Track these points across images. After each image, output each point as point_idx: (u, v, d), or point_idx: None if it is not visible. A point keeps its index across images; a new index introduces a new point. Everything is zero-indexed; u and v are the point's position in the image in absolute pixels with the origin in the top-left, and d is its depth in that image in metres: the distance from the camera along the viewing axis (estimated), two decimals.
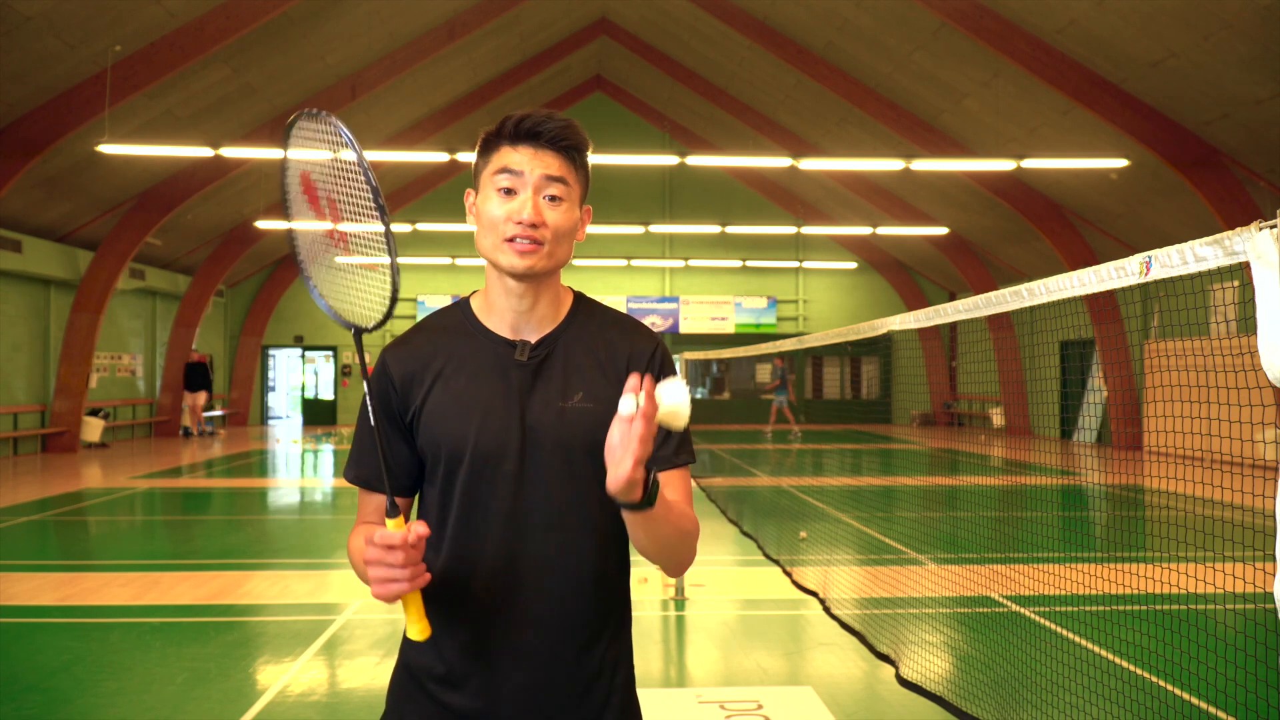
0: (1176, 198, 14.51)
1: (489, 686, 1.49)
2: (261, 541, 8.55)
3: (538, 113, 1.50)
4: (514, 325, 1.54)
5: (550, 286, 1.55)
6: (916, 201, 20.44)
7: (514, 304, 1.53)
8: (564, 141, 1.50)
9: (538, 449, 1.48)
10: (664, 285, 25.58)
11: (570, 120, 1.51)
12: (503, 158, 1.50)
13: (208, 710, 4.23)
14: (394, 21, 14.56)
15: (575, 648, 1.51)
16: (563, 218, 1.50)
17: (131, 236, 16.27)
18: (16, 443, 15.93)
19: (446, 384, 1.52)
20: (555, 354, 1.53)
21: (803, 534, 8.31)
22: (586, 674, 1.51)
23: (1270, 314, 1.44)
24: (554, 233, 1.49)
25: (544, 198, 1.49)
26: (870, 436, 21.75)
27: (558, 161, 1.50)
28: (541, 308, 1.54)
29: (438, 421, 1.51)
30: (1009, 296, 2.74)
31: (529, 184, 1.48)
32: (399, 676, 1.57)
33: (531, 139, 1.49)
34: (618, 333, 1.57)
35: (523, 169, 1.48)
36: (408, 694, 1.55)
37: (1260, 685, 3.44)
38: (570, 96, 23.43)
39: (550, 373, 1.52)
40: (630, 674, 1.59)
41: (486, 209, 1.50)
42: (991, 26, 12.24)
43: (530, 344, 1.53)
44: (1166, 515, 8.92)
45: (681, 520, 1.46)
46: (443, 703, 1.51)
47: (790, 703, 4.33)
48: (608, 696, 1.54)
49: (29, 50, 11.08)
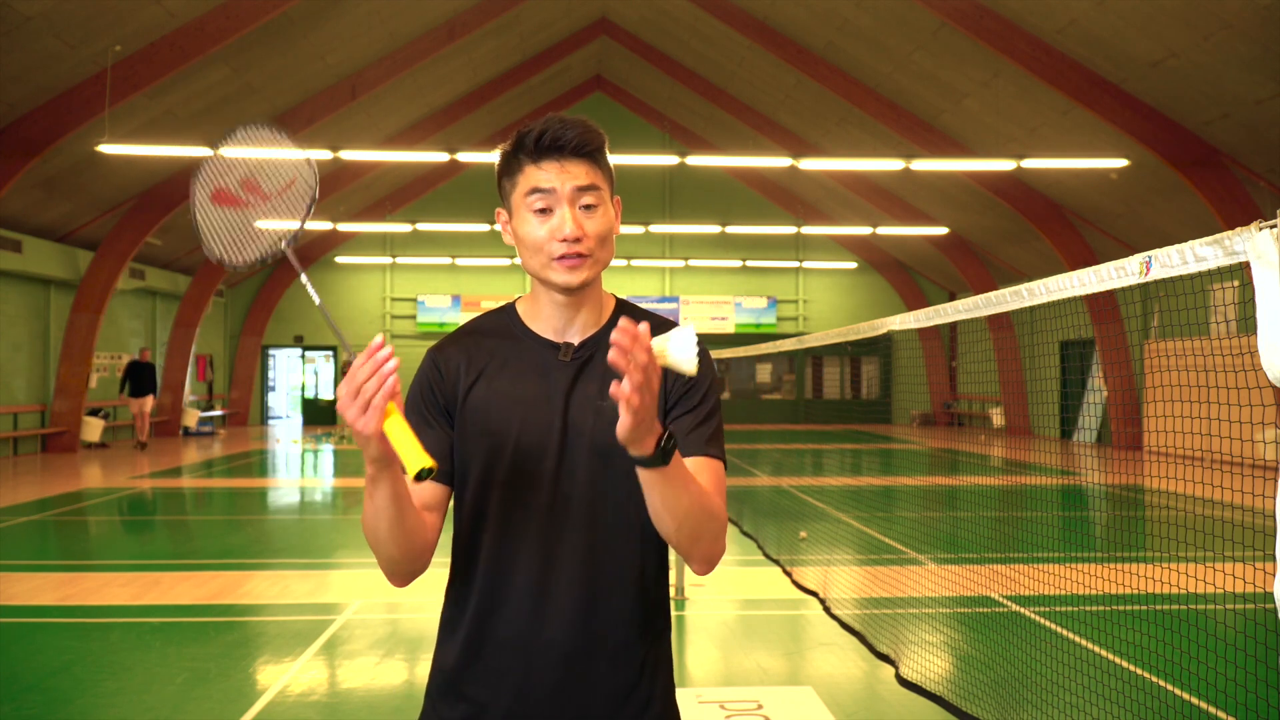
0: (1176, 198, 14.51)
1: (526, 686, 1.48)
2: (261, 541, 8.55)
3: (552, 122, 1.49)
4: (559, 329, 1.57)
5: (594, 291, 1.57)
6: (916, 201, 20.44)
7: (561, 312, 1.55)
8: (586, 148, 1.50)
9: (577, 447, 1.49)
10: (664, 285, 25.58)
11: (586, 122, 1.50)
12: (530, 178, 1.49)
13: (208, 710, 4.23)
14: (394, 21, 14.56)
15: (613, 648, 1.50)
16: (600, 223, 1.51)
17: (131, 236, 16.27)
18: (16, 443, 15.93)
19: (490, 382, 1.53)
20: (597, 356, 1.55)
21: (803, 534, 8.31)
22: (626, 676, 1.51)
23: (1270, 314, 1.44)
24: (598, 240, 1.50)
25: (580, 209, 1.49)
26: (870, 436, 21.75)
27: (584, 169, 1.49)
28: (586, 312, 1.57)
29: (480, 417, 1.52)
30: (1009, 296, 2.74)
31: (563, 199, 1.48)
32: (435, 676, 1.57)
33: (555, 152, 1.48)
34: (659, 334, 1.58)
35: (553, 185, 1.48)
36: (443, 693, 1.54)
37: (1260, 685, 3.44)
38: (570, 96, 23.42)
39: (591, 373, 1.53)
40: (670, 680, 1.58)
41: (526, 232, 1.50)
42: (991, 26, 12.24)
43: (573, 345, 1.55)
44: (1166, 515, 8.92)
45: (704, 497, 1.43)
46: (479, 703, 1.50)
47: (790, 703, 4.33)
48: (648, 700, 1.53)
49: (29, 50, 11.08)
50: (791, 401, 26.25)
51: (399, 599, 6.17)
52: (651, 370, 1.25)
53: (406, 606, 6.04)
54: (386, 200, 23.05)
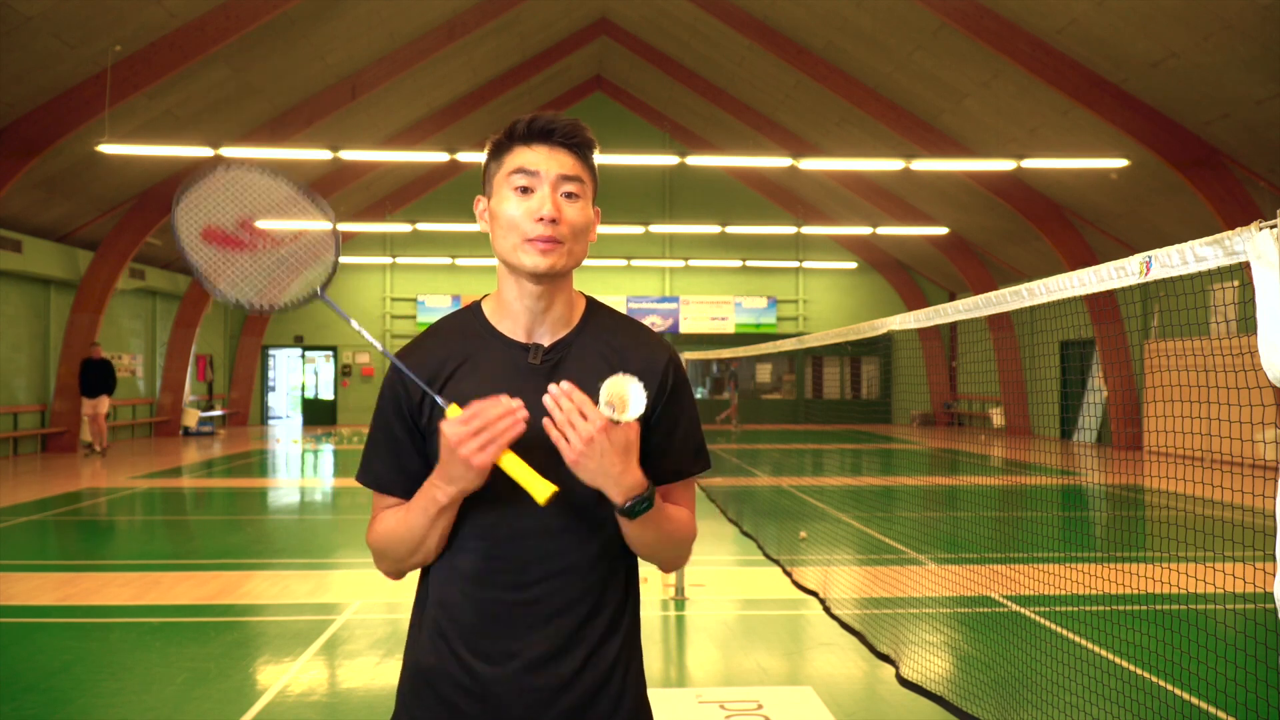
0: (1176, 198, 14.51)
1: (500, 685, 1.49)
2: (261, 541, 8.54)
3: (546, 114, 1.53)
4: (528, 328, 1.55)
5: (565, 288, 1.56)
6: (916, 201, 20.44)
7: (530, 305, 1.54)
8: (576, 139, 1.52)
9: (550, 451, 1.49)
10: (664, 285, 25.58)
11: (579, 120, 1.54)
12: (517, 158, 1.51)
13: (208, 710, 4.23)
14: (394, 21, 14.56)
15: (588, 646, 1.52)
16: (579, 215, 1.52)
17: (131, 236, 16.27)
18: (16, 443, 15.93)
19: (459, 385, 1.52)
20: (569, 358, 1.54)
21: (803, 534, 8.31)
22: (600, 671, 1.52)
23: (1270, 314, 1.44)
24: (572, 230, 1.50)
25: (561, 195, 1.50)
26: (870, 436, 21.75)
27: (571, 159, 1.52)
28: (556, 310, 1.55)
29: None
30: (1009, 296, 2.74)
31: (546, 181, 1.49)
32: (408, 677, 1.58)
33: (545, 138, 1.51)
34: (631, 341, 1.58)
35: (538, 168, 1.50)
36: (417, 694, 1.55)
37: (1260, 685, 3.44)
38: (570, 96, 23.42)
39: (563, 376, 1.51)
40: (641, 675, 1.61)
41: (504, 210, 1.51)
42: (991, 26, 12.24)
43: (543, 347, 1.54)
44: (1166, 515, 8.91)
45: (675, 530, 1.52)
46: (452, 703, 1.51)
47: (790, 703, 4.33)
48: (621, 694, 1.55)
49: (29, 50, 11.08)
50: (791, 401, 26.25)
51: (399, 599, 6.17)
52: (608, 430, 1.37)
53: (406, 606, 6.04)
54: (386, 200, 23.05)
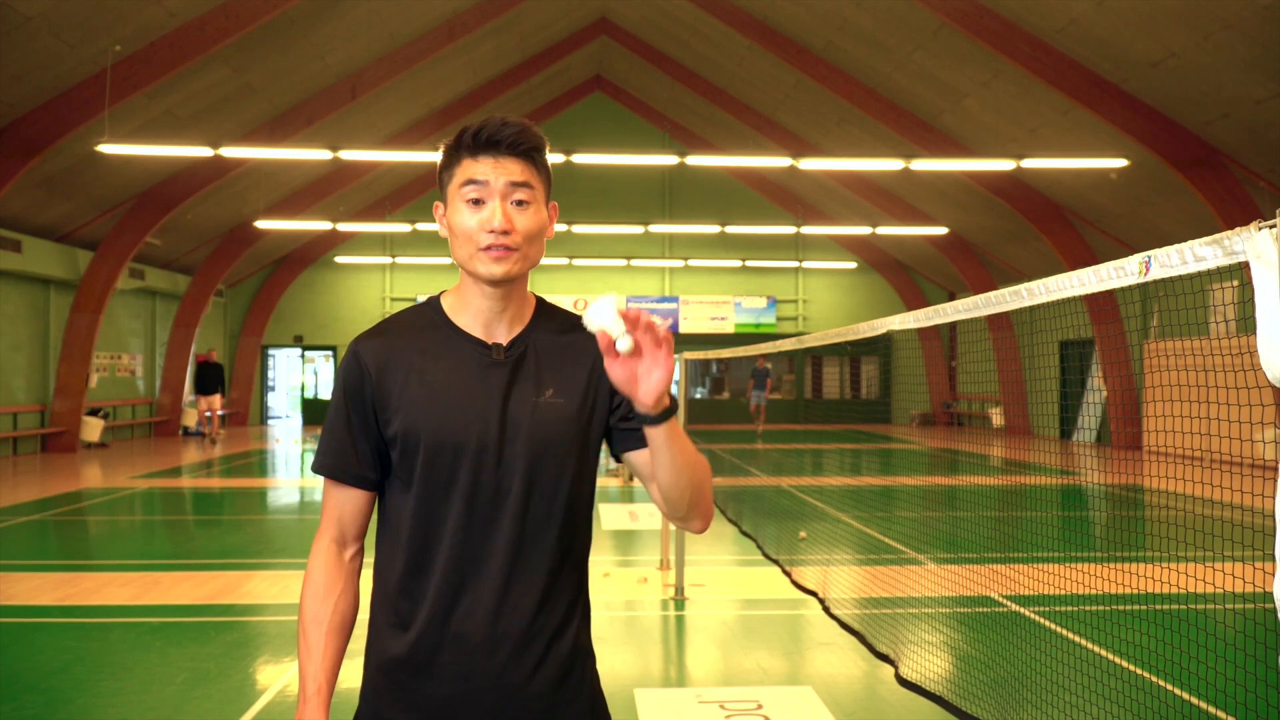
0: (1176, 198, 14.51)
1: (465, 674, 1.52)
2: (261, 541, 8.55)
3: (492, 121, 1.56)
4: (486, 325, 1.61)
5: (520, 289, 1.63)
6: (916, 201, 20.44)
7: (490, 305, 1.60)
8: (522, 145, 1.56)
9: (515, 441, 1.54)
10: (664, 285, 25.58)
11: (525, 123, 1.57)
12: (466, 170, 1.56)
13: (208, 710, 4.23)
14: (394, 21, 14.55)
15: (550, 633, 1.56)
16: (531, 220, 1.57)
17: (131, 236, 16.26)
18: (16, 443, 15.92)
19: (422, 376, 1.57)
20: (527, 354, 1.61)
21: (802, 534, 8.31)
22: (561, 659, 1.56)
23: (1270, 314, 1.44)
24: (524, 237, 1.56)
25: (511, 203, 1.55)
26: (870, 436, 21.75)
27: (519, 166, 1.56)
28: (513, 308, 1.62)
29: (417, 412, 1.54)
30: (1009, 296, 2.74)
31: (495, 192, 1.54)
32: (371, 675, 1.60)
33: (491, 148, 1.55)
34: (581, 334, 1.64)
35: (487, 179, 1.54)
36: (380, 690, 1.58)
37: (1260, 685, 3.44)
38: (570, 96, 23.42)
39: (525, 371, 1.59)
40: (594, 665, 1.66)
41: (458, 221, 1.58)
42: (991, 26, 12.24)
43: (503, 345, 1.60)
44: (1166, 515, 8.92)
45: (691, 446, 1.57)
46: (418, 694, 1.54)
47: (790, 703, 4.33)
48: (581, 682, 1.59)
49: (29, 50, 11.08)
50: (791, 401, 26.25)
51: None
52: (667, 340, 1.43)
53: None
54: (386, 200, 23.05)
